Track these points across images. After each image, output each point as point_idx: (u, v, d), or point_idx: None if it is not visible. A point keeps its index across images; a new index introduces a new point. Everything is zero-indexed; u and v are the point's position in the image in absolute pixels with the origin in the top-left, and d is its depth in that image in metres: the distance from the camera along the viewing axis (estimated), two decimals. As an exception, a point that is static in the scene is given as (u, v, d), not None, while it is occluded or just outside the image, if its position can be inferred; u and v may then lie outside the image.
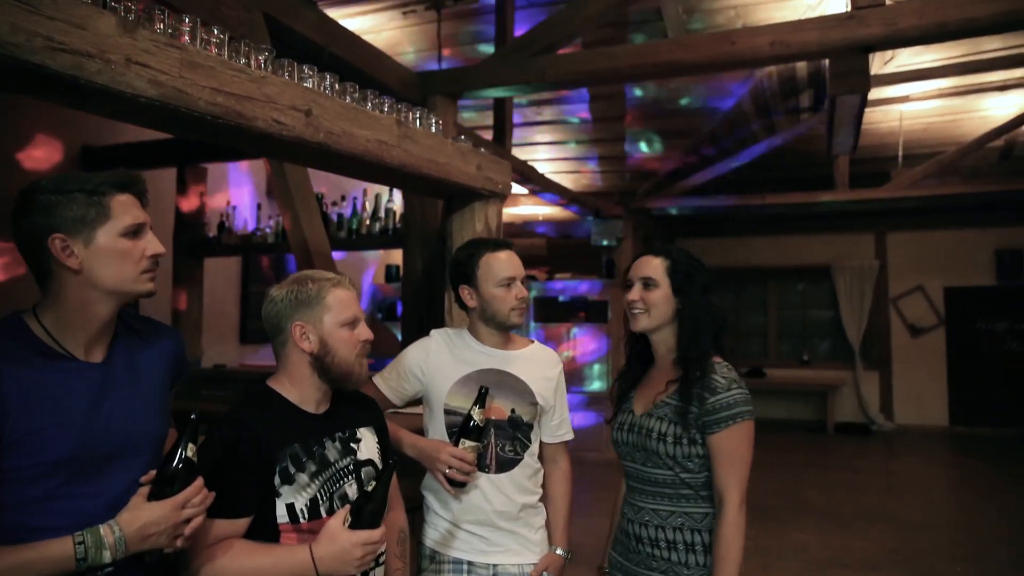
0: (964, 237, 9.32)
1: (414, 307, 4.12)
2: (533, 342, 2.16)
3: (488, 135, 5.94)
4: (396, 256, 7.57)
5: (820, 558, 4.54)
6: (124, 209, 1.28)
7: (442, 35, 5.63)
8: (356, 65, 3.73)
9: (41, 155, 4.74)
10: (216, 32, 1.81)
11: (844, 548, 4.74)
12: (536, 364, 2.08)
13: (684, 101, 6.52)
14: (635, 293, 1.87)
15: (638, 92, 6.25)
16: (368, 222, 4.52)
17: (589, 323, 8.00)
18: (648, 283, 1.85)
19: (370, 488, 1.47)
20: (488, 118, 6.29)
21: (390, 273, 7.63)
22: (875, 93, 5.70)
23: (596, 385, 7.80)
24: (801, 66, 5.88)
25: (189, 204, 4.97)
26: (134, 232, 1.29)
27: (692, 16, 5.22)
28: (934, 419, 9.43)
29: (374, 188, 4.65)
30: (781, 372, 9.99)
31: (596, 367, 7.89)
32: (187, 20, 1.75)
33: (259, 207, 5.40)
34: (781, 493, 6.06)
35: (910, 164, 7.56)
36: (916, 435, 9.16)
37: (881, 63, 5.76)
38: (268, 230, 4.89)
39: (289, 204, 3.12)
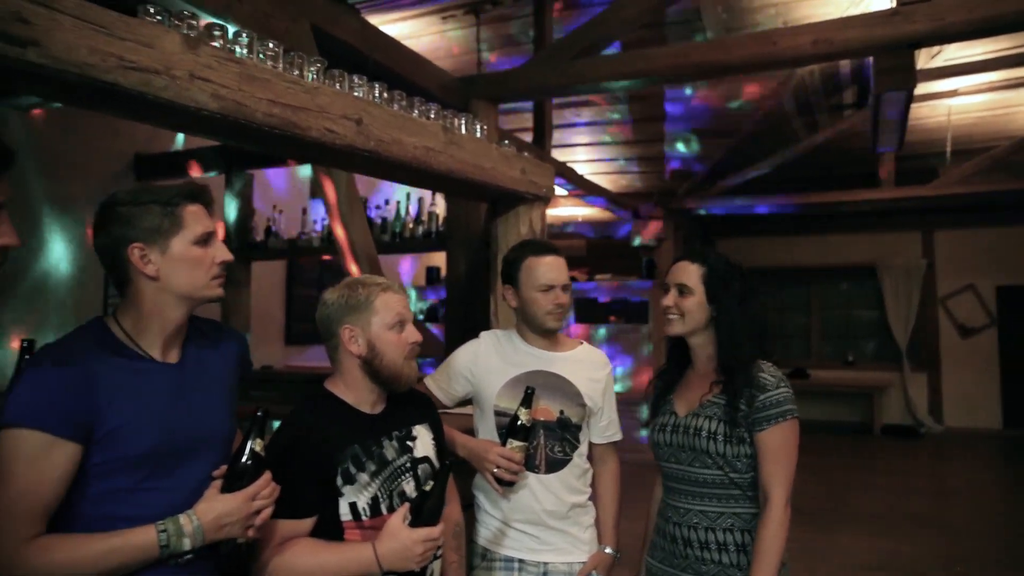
0: (1016, 234, 9.05)
1: (457, 309, 4.18)
2: (582, 343, 2.18)
3: (527, 137, 5.98)
4: (436, 258, 7.65)
5: (866, 562, 4.47)
6: (195, 219, 1.35)
7: (481, 39, 5.70)
8: (398, 71, 3.80)
9: (99, 163, 4.93)
10: (271, 46, 1.88)
11: (891, 553, 4.66)
12: (584, 366, 2.10)
13: (734, 104, 6.47)
14: (670, 299, 1.90)
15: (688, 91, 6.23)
16: (411, 225, 4.59)
17: (628, 324, 7.98)
18: (683, 289, 1.87)
19: (428, 487, 1.52)
20: (527, 120, 6.33)
21: (430, 275, 7.71)
22: (922, 88, 5.59)
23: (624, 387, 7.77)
24: (844, 62, 5.80)
25: (238, 209, 5.11)
26: (204, 240, 1.36)
27: (732, 15, 5.19)
28: (986, 421, 9.18)
29: (417, 191, 4.73)
30: (825, 373, 9.82)
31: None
32: (245, 35, 1.83)
33: (304, 211, 5.52)
34: (826, 496, 5.97)
35: (959, 160, 7.38)
36: (967, 438, 8.93)
37: (928, 57, 5.65)
38: (313, 234, 5.00)
39: (336, 209, 3.20)
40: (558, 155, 7.16)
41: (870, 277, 9.90)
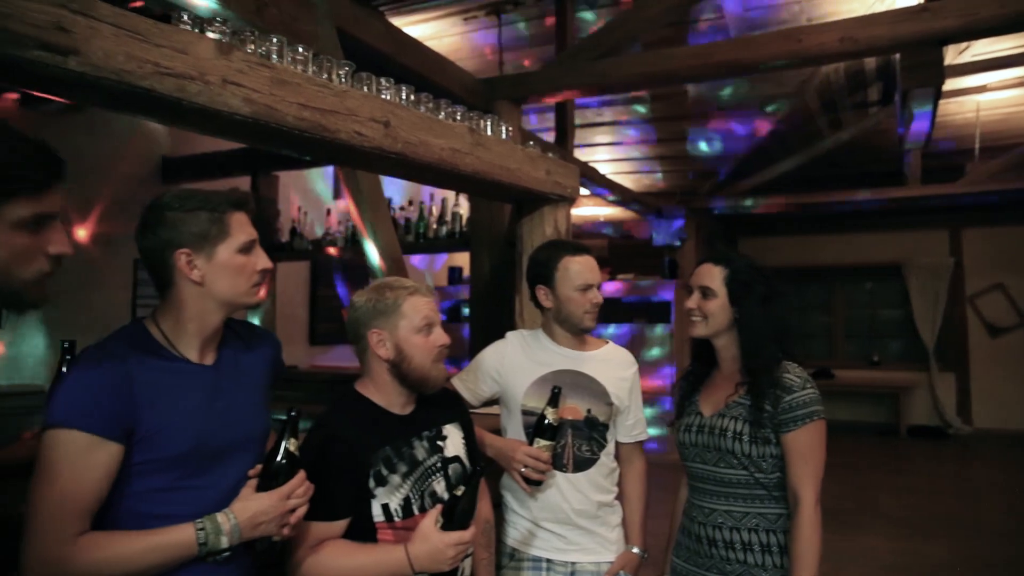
0: (1047, 232, 8.89)
1: (481, 309, 4.19)
2: (607, 343, 2.19)
3: (549, 137, 5.98)
4: (459, 258, 7.69)
5: (892, 564, 4.42)
6: (240, 227, 1.37)
7: (502, 39, 5.71)
8: (422, 73, 3.82)
9: (126, 166, 5.01)
10: (301, 50, 1.90)
11: (917, 554, 4.61)
12: (611, 365, 2.11)
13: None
14: (693, 301, 1.92)
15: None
16: (435, 226, 4.62)
17: (652, 324, 7.94)
18: (706, 292, 1.89)
19: (460, 491, 1.53)
20: (548, 120, 6.33)
21: (453, 275, 7.75)
22: (949, 84, 5.50)
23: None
24: (869, 59, 5.73)
25: (262, 211, 5.16)
26: (248, 248, 1.38)
27: (754, 12, 5.15)
28: (1017, 423, 9.01)
29: (440, 193, 4.75)
30: (850, 373, 9.71)
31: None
32: (275, 40, 1.85)
33: (328, 212, 5.57)
34: (852, 497, 5.91)
35: (987, 157, 7.26)
36: (997, 439, 8.78)
37: (956, 52, 5.57)
38: (338, 235, 5.04)
39: (361, 210, 3.22)
40: (580, 155, 7.16)
41: (895, 276, 9.76)
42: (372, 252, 3.27)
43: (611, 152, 7.77)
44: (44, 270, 1.07)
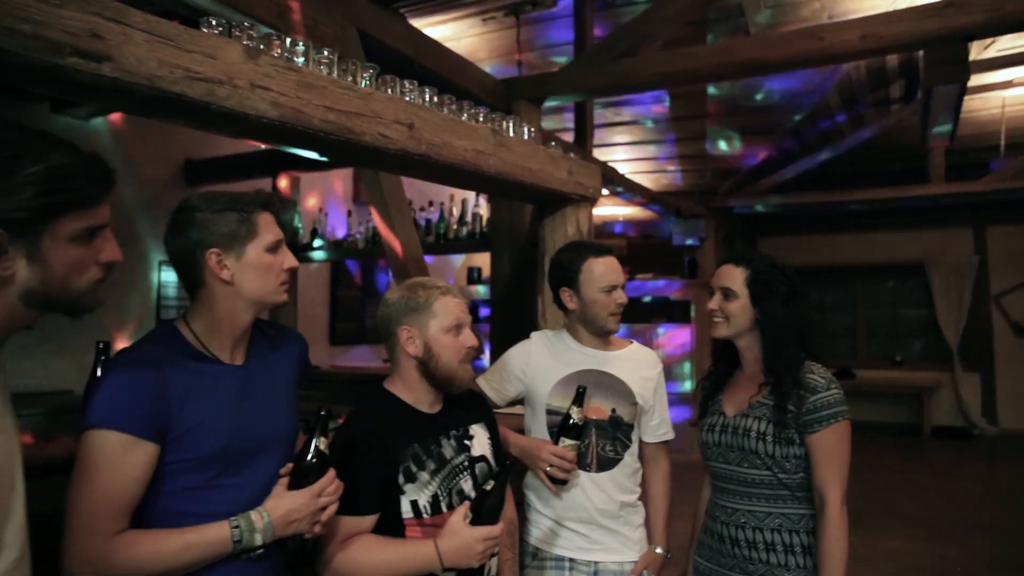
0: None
1: (502, 309, 4.20)
2: (632, 342, 2.19)
3: (567, 137, 5.97)
4: (478, 259, 7.70)
5: (915, 567, 4.37)
6: (267, 226, 1.40)
7: (520, 40, 5.71)
8: (442, 74, 3.84)
9: (150, 169, 5.07)
10: (326, 53, 1.92)
11: (940, 557, 4.55)
12: (635, 364, 2.11)
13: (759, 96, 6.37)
14: (714, 303, 1.92)
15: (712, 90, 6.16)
16: (455, 226, 4.64)
17: (671, 323, 7.92)
18: (727, 293, 1.89)
19: (489, 487, 1.54)
20: (565, 121, 6.33)
21: (471, 275, 7.76)
22: (974, 80, 5.43)
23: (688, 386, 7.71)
24: (892, 56, 5.67)
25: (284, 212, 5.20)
26: (275, 247, 1.40)
27: (775, 11, 5.11)
28: (1043, 423, 8.89)
29: (460, 193, 4.77)
30: (872, 373, 9.61)
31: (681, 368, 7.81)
32: (300, 43, 1.87)
33: (349, 214, 5.60)
34: (874, 499, 5.85)
35: (1013, 153, 7.15)
36: (1023, 440, 8.65)
37: (980, 48, 5.49)
38: (358, 236, 5.07)
39: (383, 211, 3.24)
40: (598, 155, 7.14)
41: (918, 275, 9.65)
42: (394, 253, 3.29)
43: (629, 152, 7.75)
44: (97, 278, 1.10)
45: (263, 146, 5.09)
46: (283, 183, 5.17)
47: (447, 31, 5.71)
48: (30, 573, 1.04)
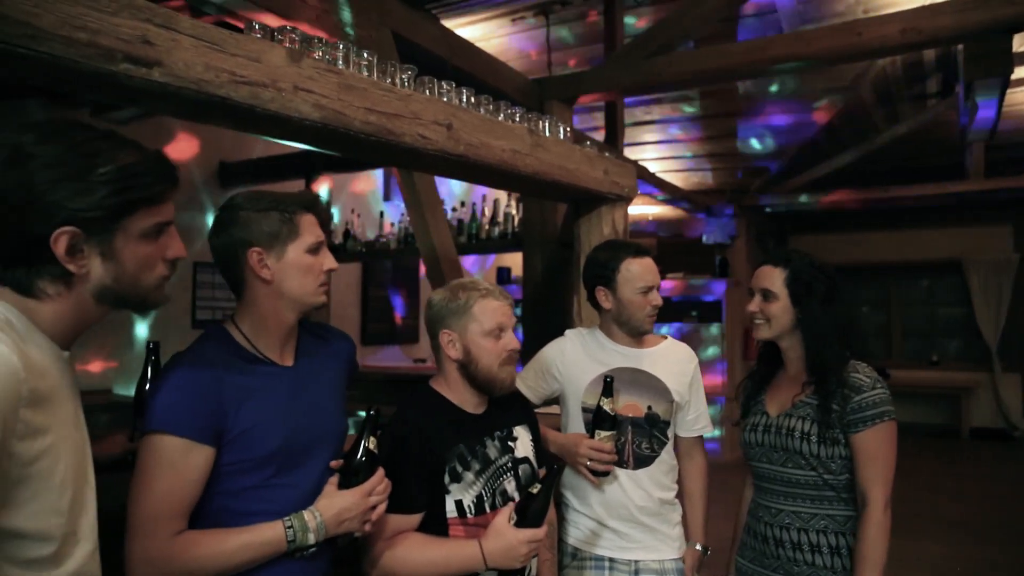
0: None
1: (533, 309, 4.20)
2: (666, 338, 2.18)
3: (597, 137, 5.95)
4: (507, 259, 7.71)
5: (955, 571, 4.29)
6: (309, 228, 1.41)
7: (550, 39, 5.70)
8: (476, 75, 3.84)
9: (185, 171, 5.16)
10: (366, 55, 1.93)
11: (982, 562, 4.46)
12: (670, 360, 2.10)
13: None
14: (754, 305, 1.90)
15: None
16: (487, 227, 4.64)
17: (702, 323, 7.85)
18: (767, 294, 1.87)
19: (535, 490, 1.54)
20: (597, 120, 6.30)
21: (501, 276, 7.78)
22: (1017, 72, 5.30)
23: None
24: (929, 50, 5.55)
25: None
26: (316, 249, 1.41)
27: (808, 6, 5.04)
28: (1088, 425, 8.66)
29: (492, 194, 4.77)
30: (907, 374, 9.41)
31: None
32: (341, 46, 1.89)
33: (381, 214, 5.64)
34: (912, 501, 5.73)
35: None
36: (1066, 442, 8.44)
37: (1022, 40, 5.37)
38: (391, 236, 5.10)
39: (418, 211, 3.26)
40: (628, 153, 7.11)
41: (954, 273, 9.45)
42: (428, 253, 3.30)
43: (659, 150, 7.70)
44: (164, 274, 1.12)
45: (295, 148, 5.15)
46: (324, 186, 5.21)
47: (476, 32, 5.72)
48: (100, 565, 1.07)
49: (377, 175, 6.80)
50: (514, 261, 7.42)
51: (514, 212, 4.62)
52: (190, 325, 5.19)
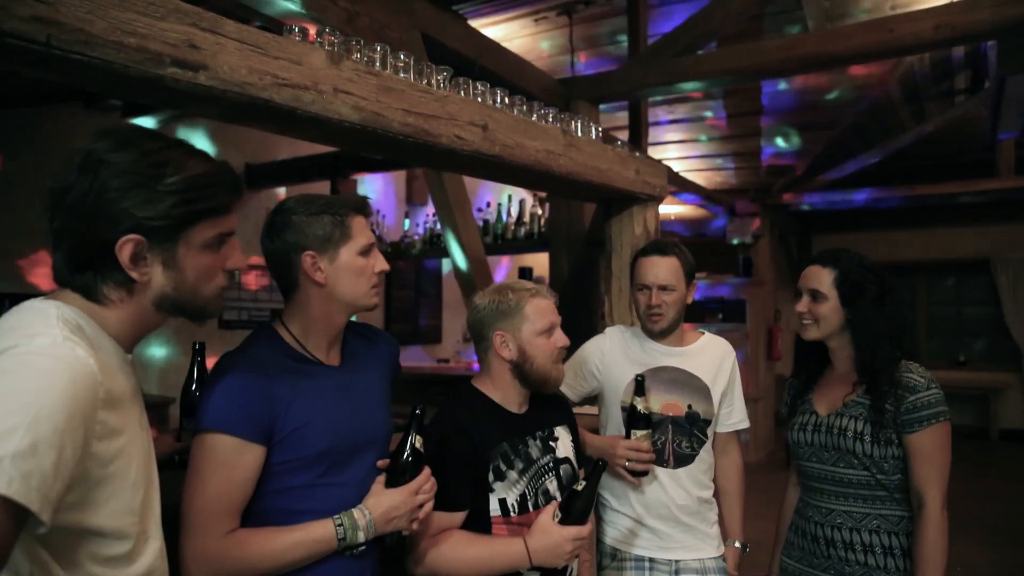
0: None
1: (561, 308, 4.19)
2: (703, 333, 2.17)
3: (621, 136, 5.93)
4: (528, 259, 7.69)
5: (981, 574, 4.22)
6: (360, 230, 1.41)
7: (573, 40, 5.68)
8: (503, 75, 3.84)
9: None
10: (402, 57, 1.94)
11: (1016, 566, 4.38)
12: (709, 357, 2.09)
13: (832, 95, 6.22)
14: (803, 305, 1.88)
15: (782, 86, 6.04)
16: (513, 227, 4.64)
17: (726, 323, 7.79)
18: (816, 295, 1.85)
19: (580, 487, 1.54)
20: (619, 119, 6.28)
21: (522, 276, 7.77)
22: (1049, 69, 5.21)
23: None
24: (958, 46, 5.47)
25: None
26: (367, 251, 1.42)
27: (835, 3, 4.99)
28: (1118, 426, 8.49)
29: (517, 194, 4.77)
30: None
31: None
32: (378, 47, 1.89)
33: (406, 215, 5.66)
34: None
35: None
36: (1098, 444, 8.29)
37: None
38: (415, 237, 5.12)
39: (447, 212, 3.26)
40: (651, 153, 7.08)
41: (982, 272, 9.30)
42: (457, 253, 3.31)
43: (682, 150, 7.66)
44: (223, 285, 1.13)
45: (320, 149, 5.18)
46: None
47: (499, 32, 5.72)
48: (167, 562, 1.08)
49: (399, 176, 6.83)
50: (534, 261, 7.40)
51: (540, 212, 4.61)
52: (217, 326, 5.23)
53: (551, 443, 1.70)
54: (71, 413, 0.83)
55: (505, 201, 4.80)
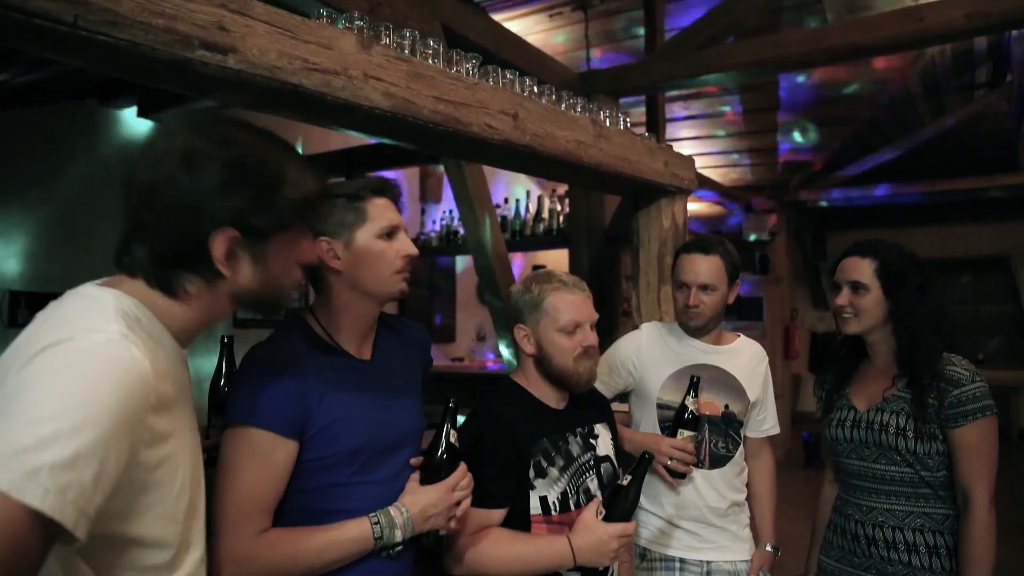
0: None
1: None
2: (739, 335, 2.13)
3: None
4: (541, 256, 7.64)
5: (1023, 576, 4.14)
6: (380, 212, 1.34)
7: (589, 34, 5.63)
8: (523, 68, 3.78)
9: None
10: (431, 43, 1.88)
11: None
12: (745, 359, 2.05)
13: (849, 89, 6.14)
14: (843, 298, 1.81)
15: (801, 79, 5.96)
16: (532, 223, 4.59)
17: (742, 321, 7.71)
18: (857, 287, 1.78)
19: (625, 482, 1.48)
20: (634, 115, 6.21)
21: (536, 273, 7.70)
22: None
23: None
24: (980, 38, 5.38)
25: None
26: (389, 234, 1.34)
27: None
28: None
29: (536, 190, 4.71)
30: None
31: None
32: (408, 33, 1.84)
33: (423, 211, 5.61)
34: (966, 503, 5.56)
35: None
36: (1121, 444, 8.15)
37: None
38: (432, 233, 5.07)
39: (468, 206, 3.21)
40: (667, 149, 7.01)
41: (1000, 269, 9.18)
42: (478, 249, 3.25)
43: (698, 146, 7.59)
44: (300, 279, 1.10)
45: (335, 147, 5.14)
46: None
47: (515, 27, 5.66)
48: (206, 572, 1.03)
49: (413, 174, 6.78)
50: (546, 258, 7.34)
51: (558, 208, 4.55)
52: (232, 324, 5.19)
53: (591, 440, 1.64)
54: (119, 422, 0.78)
55: (523, 197, 4.74)
